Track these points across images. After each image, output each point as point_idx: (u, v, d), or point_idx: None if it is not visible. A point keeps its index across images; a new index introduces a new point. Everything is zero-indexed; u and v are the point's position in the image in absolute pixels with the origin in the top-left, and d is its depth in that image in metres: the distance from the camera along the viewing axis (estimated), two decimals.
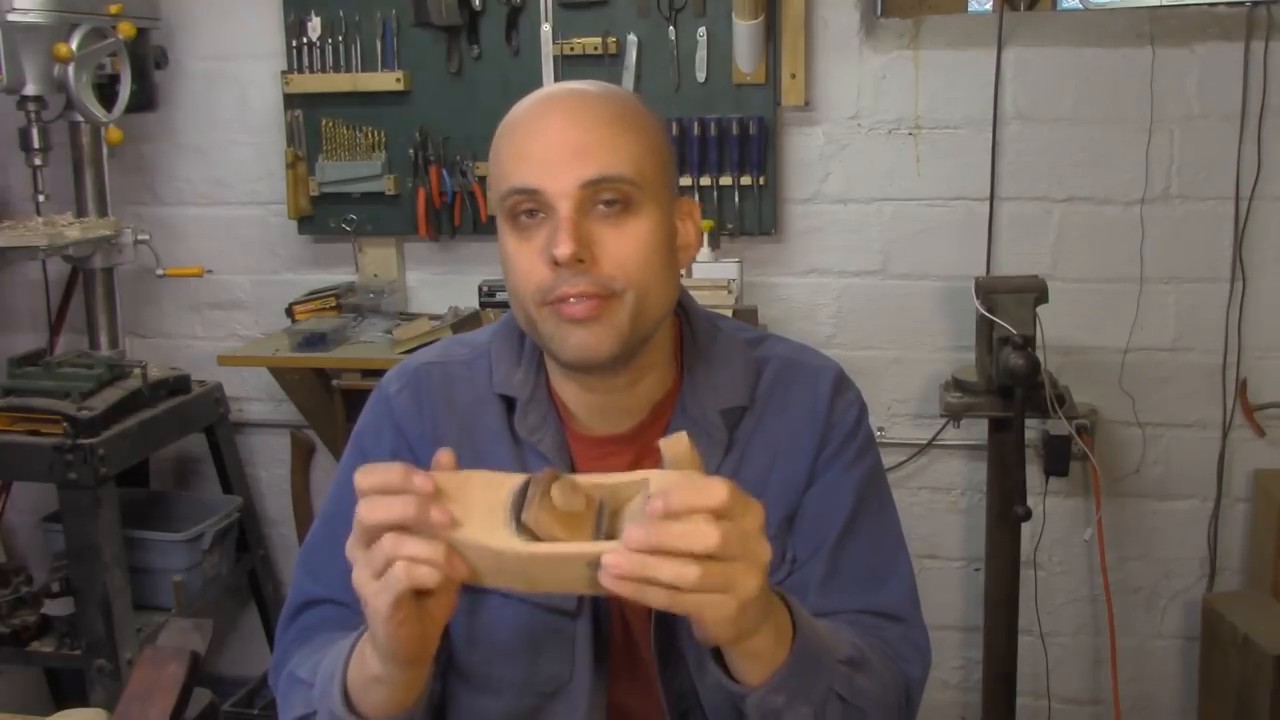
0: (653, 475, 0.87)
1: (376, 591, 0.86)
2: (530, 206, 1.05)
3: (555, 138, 1.04)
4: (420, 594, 0.87)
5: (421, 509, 0.84)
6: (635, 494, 0.88)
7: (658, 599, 0.82)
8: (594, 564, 0.82)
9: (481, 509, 0.86)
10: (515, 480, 0.88)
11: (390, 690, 0.94)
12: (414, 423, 1.18)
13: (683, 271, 1.35)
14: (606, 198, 1.04)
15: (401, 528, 0.85)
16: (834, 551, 1.15)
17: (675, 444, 0.85)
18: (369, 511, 0.85)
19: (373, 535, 0.86)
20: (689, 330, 1.18)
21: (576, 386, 1.14)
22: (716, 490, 0.82)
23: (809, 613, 1.01)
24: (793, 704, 0.96)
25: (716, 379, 1.16)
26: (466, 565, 0.86)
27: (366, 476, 0.87)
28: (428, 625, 0.90)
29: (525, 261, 1.05)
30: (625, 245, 1.04)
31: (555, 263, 1.02)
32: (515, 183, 1.05)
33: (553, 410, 1.15)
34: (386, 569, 0.85)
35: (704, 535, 0.81)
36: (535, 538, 0.84)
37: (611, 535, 0.86)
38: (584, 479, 0.88)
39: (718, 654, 0.96)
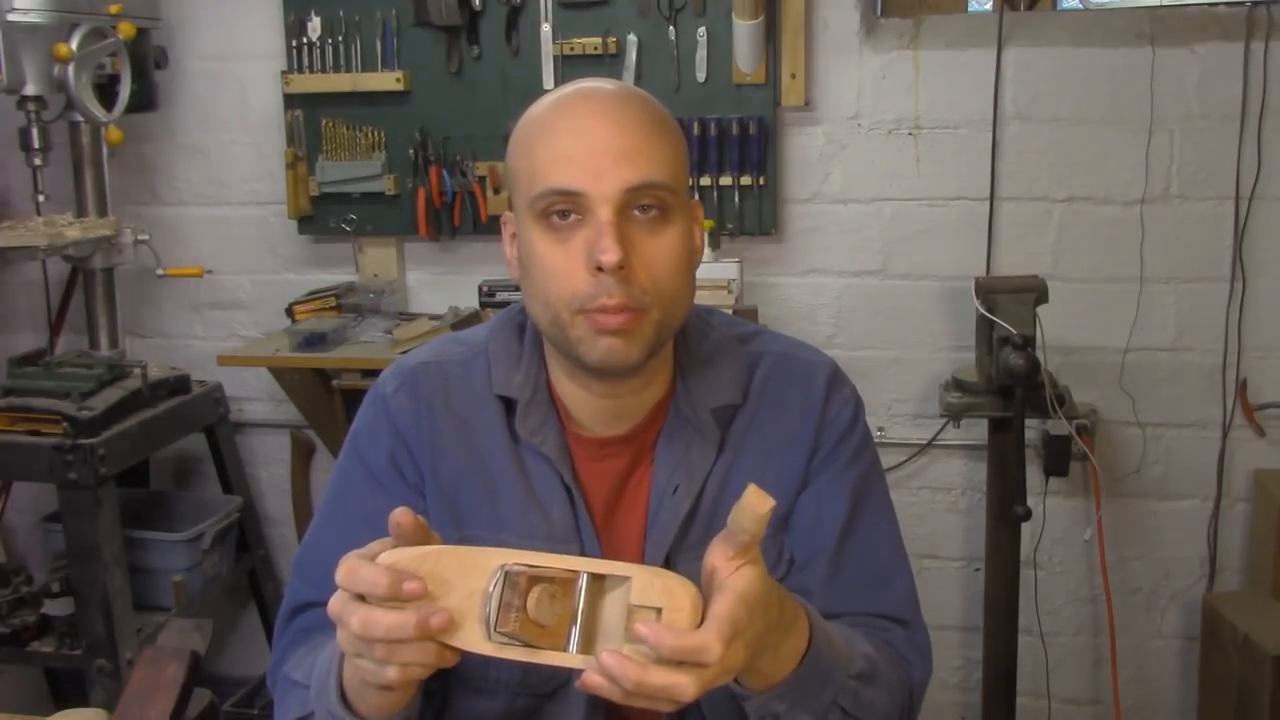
0: (635, 574, 0.86)
1: (366, 669, 0.87)
2: (565, 207, 1.03)
3: (599, 140, 1.02)
4: None
5: (421, 627, 0.83)
6: (616, 587, 0.86)
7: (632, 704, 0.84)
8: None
9: (460, 592, 0.86)
10: (491, 562, 0.86)
11: (384, 696, 0.94)
12: (411, 423, 1.17)
13: None
14: (644, 203, 1.03)
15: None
16: (835, 555, 1.15)
17: (761, 501, 0.84)
18: (366, 627, 0.84)
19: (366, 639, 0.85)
20: (680, 331, 1.17)
21: (583, 390, 1.13)
22: (710, 651, 0.82)
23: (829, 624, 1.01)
24: (793, 712, 0.97)
25: (708, 378, 1.15)
26: (455, 653, 0.87)
27: (350, 576, 0.85)
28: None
29: (560, 264, 1.03)
30: (660, 254, 1.04)
31: (598, 269, 1.01)
32: (555, 184, 1.02)
33: (553, 412, 1.15)
34: (378, 664, 0.86)
35: (682, 690, 0.82)
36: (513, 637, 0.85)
37: (589, 625, 0.86)
38: (561, 564, 0.87)
39: None
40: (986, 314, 2.38)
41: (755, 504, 0.84)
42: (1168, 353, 2.65)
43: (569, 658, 0.85)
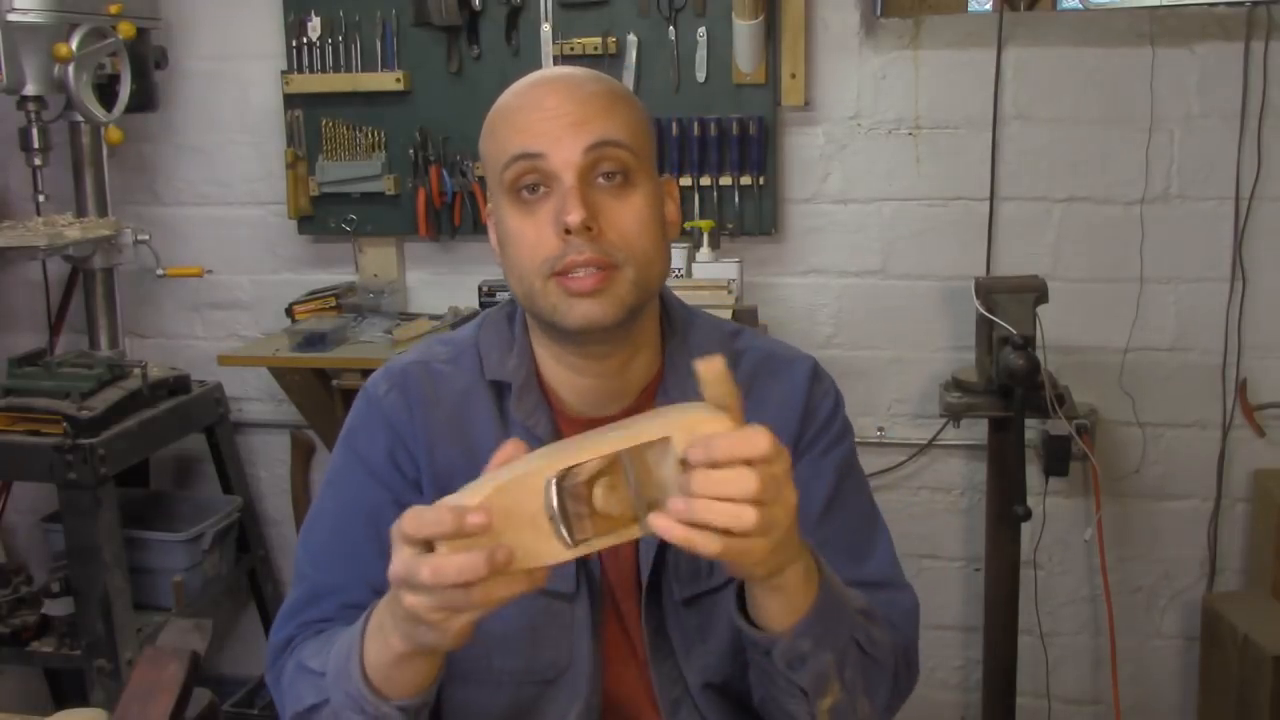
0: (673, 430, 0.87)
1: (450, 618, 0.87)
2: (533, 180, 1.08)
3: (554, 111, 1.08)
4: None
5: (492, 562, 0.83)
6: (660, 451, 0.88)
7: (708, 546, 0.84)
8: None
9: (524, 518, 0.87)
10: (535, 482, 0.87)
11: (418, 666, 0.95)
12: (405, 421, 1.19)
13: (678, 269, 1.33)
14: (607, 170, 1.08)
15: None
16: (818, 528, 1.17)
17: (711, 366, 0.87)
18: (438, 574, 0.84)
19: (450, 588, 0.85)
20: (666, 316, 1.21)
21: (569, 370, 1.16)
22: (759, 441, 0.84)
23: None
24: (818, 650, 1.00)
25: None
26: (544, 572, 0.88)
27: (415, 520, 0.85)
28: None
29: (531, 234, 1.08)
30: (626, 216, 1.08)
31: (566, 231, 1.05)
32: (517, 149, 1.08)
33: (544, 398, 1.18)
34: (449, 615, 0.86)
35: (744, 482, 0.83)
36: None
37: (649, 494, 0.88)
38: (598, 451, 0.87)
39: (742, 610, 1.01)
40: (986, 314, 2.38)
41: (708, 369, 0.87)
42: (1168, 353, 2.65)
43: (645, 526, 0.87)
